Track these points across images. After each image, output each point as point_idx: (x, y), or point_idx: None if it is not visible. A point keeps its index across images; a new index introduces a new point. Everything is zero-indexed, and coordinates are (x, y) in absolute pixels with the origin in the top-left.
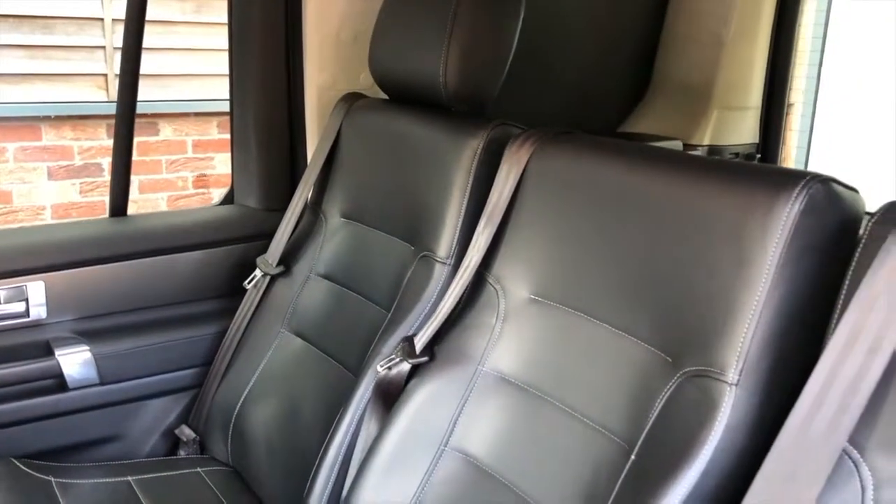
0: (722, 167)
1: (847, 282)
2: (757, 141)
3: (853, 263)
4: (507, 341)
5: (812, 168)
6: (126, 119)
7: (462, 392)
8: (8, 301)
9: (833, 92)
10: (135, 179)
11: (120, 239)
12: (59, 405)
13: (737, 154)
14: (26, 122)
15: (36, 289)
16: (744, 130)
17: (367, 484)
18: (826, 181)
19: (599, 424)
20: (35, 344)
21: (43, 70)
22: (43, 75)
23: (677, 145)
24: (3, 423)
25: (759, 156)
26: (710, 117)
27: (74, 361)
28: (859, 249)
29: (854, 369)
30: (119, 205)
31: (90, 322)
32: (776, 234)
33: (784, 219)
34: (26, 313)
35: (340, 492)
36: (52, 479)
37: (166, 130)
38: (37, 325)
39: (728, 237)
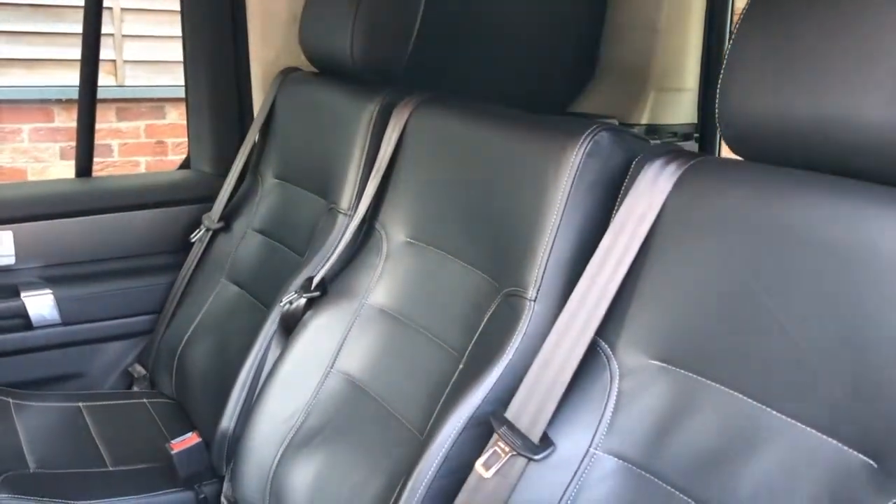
0: (537, 121)
1: (615, 212)
2: (695, 121)
3: (620, 196)
4: (387, 278)
5: None
6: (88, 92)
7: (348, 323)
8: None
9: None
10: (141, 161)
11: (84, 196)
12: (25, 342)
13: (675, 133)
14: (40, 105)
15: (5, 238)
16: (680, 111)
17: (267, 400)
18: (614, 130)
19: (443, 341)
20: (3, 287)
21: (55, 56)
22: (55, 61)
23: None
24: None
25: (696, 135)
26: (647, 98)
27: (39, 303)
28: (625, 185)
29: (604, 279)
30: (84, 166)
31: (55, 269)
32: (566, 173)
33: (573, 160)
34: None
35: (249, 407)
36: (11, 401)
37: (172, 114)
38: (5, 270)
39: (533, 178)
